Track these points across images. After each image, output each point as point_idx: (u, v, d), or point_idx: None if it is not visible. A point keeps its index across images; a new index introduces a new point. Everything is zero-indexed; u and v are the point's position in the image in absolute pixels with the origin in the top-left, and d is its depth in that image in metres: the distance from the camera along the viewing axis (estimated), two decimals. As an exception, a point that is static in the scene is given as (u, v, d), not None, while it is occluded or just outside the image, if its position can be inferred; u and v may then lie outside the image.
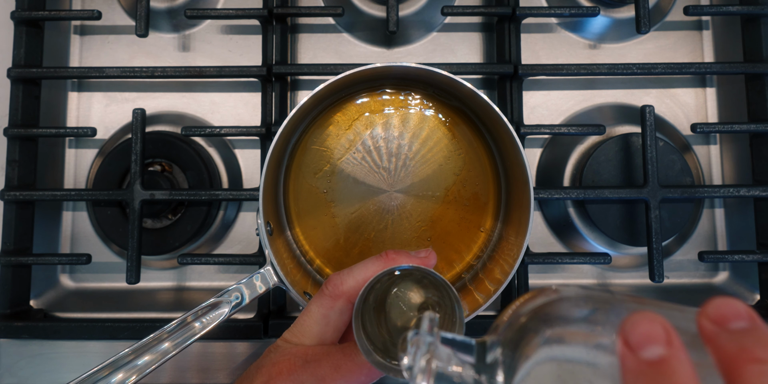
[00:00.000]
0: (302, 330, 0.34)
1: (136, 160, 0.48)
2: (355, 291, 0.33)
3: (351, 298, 0.33)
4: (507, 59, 0.51)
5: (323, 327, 0.33)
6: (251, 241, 0.54)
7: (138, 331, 0.47)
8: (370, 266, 0.33)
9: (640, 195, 0.47)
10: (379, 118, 0.46)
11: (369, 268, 0.33)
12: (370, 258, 0.34)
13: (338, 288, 0.33)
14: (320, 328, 0.33)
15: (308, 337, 0.33)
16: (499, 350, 0.22)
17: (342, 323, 0.34)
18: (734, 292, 0.52)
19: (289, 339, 0.34)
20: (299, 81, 0.55)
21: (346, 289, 0.33)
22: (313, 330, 0.33)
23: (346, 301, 0.33)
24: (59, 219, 0.54)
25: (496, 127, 0.43)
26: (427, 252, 0.35)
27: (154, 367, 0.35)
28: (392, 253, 0.34)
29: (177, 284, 0.53)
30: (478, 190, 0.45)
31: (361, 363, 0.32)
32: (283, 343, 0.34)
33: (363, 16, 0.54)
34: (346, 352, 0.32)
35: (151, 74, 0.50)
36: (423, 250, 0.36)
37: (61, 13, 0.52)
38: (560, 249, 0.53)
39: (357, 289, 0.33)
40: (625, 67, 0.50)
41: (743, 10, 0.50)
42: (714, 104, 0.55)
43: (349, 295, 0.33)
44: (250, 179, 0.54)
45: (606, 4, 0.54)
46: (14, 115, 0.50)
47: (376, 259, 0.34)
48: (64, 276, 0.54)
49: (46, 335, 0.47)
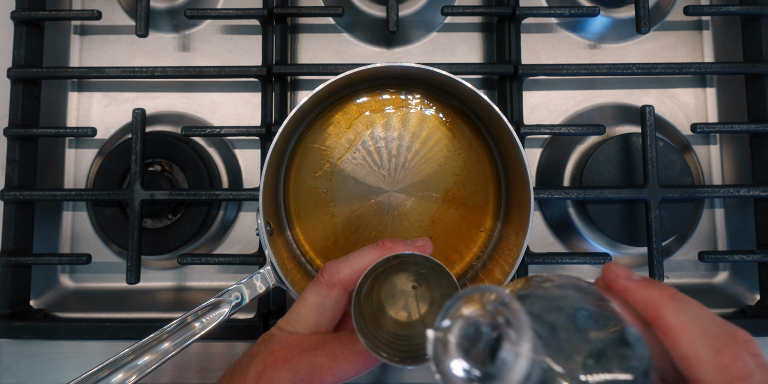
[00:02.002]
0: (297, 318, 0.33)
1: (136, 160, 0.48)
2: (352, 279, 0.32)
3: (347, 286, 0.33)
4: (507, 59, 0.51)
5: (319, 315, 0.33)
6: (251, 241, 0.54)
7: (138, 331, 0.47)
8: (367, 255, 0.33)
9: (640, 195, 0.47)
10: (379, 118, 0.46)
11: (366, 256, 0.33)
12: (367, 247, 0.34)
13: (335, 276, 0.33)
14: (316, 317, 0.33)
15: (304, 326, 0.33)
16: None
17: (338, 312, 0.34)
18: (734, 292, 0.52)
19: (284, 327, 0.33)
20: (299, 81, 0.55)
21: (343, 277, 0.32)
22: (308, 318, 0.33)
23: (343, 289, 0.33)
24: (59, 219, 0.54)
25: (496, 127, 0.43)
26: (423, 241, 0.35)
27: (154, 367, 0.35)
28: (389, 241, 0.34)
29: (177, 284, 0.53)
30: (478, 190, 0.45)
31: (358, 351, 0.31)
32: (278, 332, 0.33)
33: (363, 16, 0.54)
34: (343, 341, 0.32)
35: (151, 74, 0.50)
36: (419, 239, 0.35)
37: (61, 13, 0.52)
38: (560, 249, 0.53)
39: (353, 278, 0.32)
40: (625, 67, 0.50)
41: (743, 10, 0.50)
42: (714, 104, 0.55)
43: (345, 284, 0.33)
44: (250, 179, 0.54)
45: (606, 4, 0.54)
46: (14, 115, 0.50)
47: (373, 247, 0.33)
48: (64, 276, 0.54)
49: (46, 335, 0.47)
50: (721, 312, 0.50)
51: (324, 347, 0.31)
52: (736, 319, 0.47)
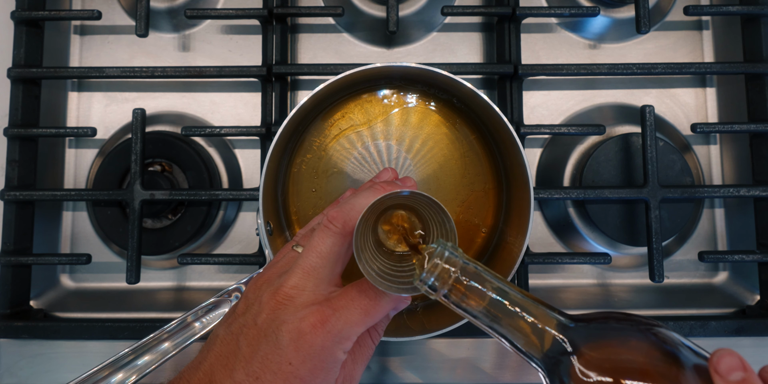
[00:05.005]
0: (316, 274, 0.30)
1: (136, 160, 0.48)
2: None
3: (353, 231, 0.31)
4: (507, 59, 0.51)
5: (336, 267, 0.31)
6: (251, 241, 0.54)
7: (138, 331, 0.47)
8: (369, 197, 0.31)
9: (640, 195, 0.47)
10: (379, 118, 0.46)
11: (369, 199, 0.31)
12: (364, 190, 0.33)
13: (348, 224, 0.30)
14: (334, 269, 0.31)
15: (325, 281, 0.30)
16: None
17: (347, 260, 0.32)
18: (734, 292, 0.52)
19: (303, 286, 0.30)
20: (299, 81, 0.55)
21: (354, 223, 0.30)
22: (328, 272, 0.30)
23: (351, 236, 0.31)
24: (59, 219, 0.54)
25: (496, 127, 0.43)
26: (411, 180, 0.38)
27: (154, 367, 0.35)
28: (383, 183, 0.34)
29: (177, 284, 0.53)
30: (478, 191, 0.45)
31: (377, 296, 0.30)
32: (298, 293, 0.30)
33: (363, 16, 0.54)
34: (362, 289, 0.30)
35: (151, 74, 0.50)
36: (407, 179, 0.38)
37: (61, 13, 0.52)
38: (560, 249, 0.53)
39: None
40: (625, 67, 0.50)
41: (743, 10, 0.51)
42: (714, 104, 0.55)
43: (353, 229, 0.31)
44: (250, 179, 0.54)
45: (606, 4, 0.54)
46: (14, 115, 0.50)
47: (372, 191, 0.33)
48: (64, 276, 0.54)
49: (46, 335, 0.47)
50: (721, 312, 0.50)
51: (353, 303, 0.30)
52: (736, 319, 0.47)
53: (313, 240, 0.31)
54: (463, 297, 0.28)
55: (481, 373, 0.47)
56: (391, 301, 0.31)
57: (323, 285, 0.30)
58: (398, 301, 0.31)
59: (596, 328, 0.28)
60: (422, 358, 0.47)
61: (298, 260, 0.31)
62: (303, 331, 0.28)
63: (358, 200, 0.32)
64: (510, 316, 0.28)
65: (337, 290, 0.31)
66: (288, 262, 0.33)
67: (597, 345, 0.27)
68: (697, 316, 0.48)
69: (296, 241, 0.36)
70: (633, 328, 0.27)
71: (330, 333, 0.28)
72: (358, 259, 0.29)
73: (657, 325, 0.27)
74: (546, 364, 0.27)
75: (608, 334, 0.27)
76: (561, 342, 0.27)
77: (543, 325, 0.27)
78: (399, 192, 0.30)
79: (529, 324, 0.28)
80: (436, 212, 0.31)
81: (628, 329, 0.27)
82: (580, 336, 0.27)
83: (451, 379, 0.47)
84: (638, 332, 0.27)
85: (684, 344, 0.27)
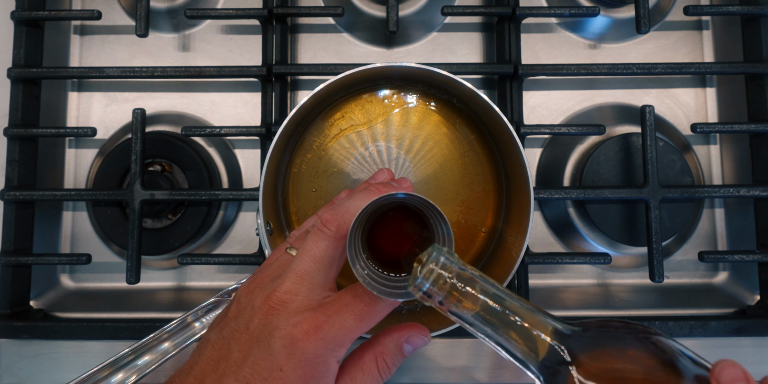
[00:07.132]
0: (310, 278, 0.30)
1: (136, 160, 0.48)
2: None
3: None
4: (507, 59, 0.51)
5: (329, 272, 0.30)
6: (251, 241, 0.54)
7: (138, 331, 0.47)
8: (365, 199, 0.30)
9: (640, 195, 0.47)
10: (380, 118, 0.46)
11: (364, 201, 0.30)
12: (359, 192, 0.32)
13: (343, 228, 0.30)
14: (328, 273, 0.30)
15: (319, 286, 0.30)
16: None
17: (341, 264, 0.31)
18: (734, 292, 0.52)
19: (296, 291, 0.29)
20: (299, 81, 0.55)
21: (348, 226, 0.30)
22: (322, 276, 0.30)
23: (345, 239, 0.30)
24: (59, 219, 0.54)
25: (496, 127, 0.43)
26: (407, 182, 0.36)
27: (154, 367, 0.35)
28: (378, 185, 0.33)
29: (177, 284, 0.53)
30: (478, 191, 0.45)
31: (372, 302, 0.29)
32: (291, 298, 0.29)
33: (363, 16, 0.54)
34: (357, 294, 0.29)
35: (151, 74, 0.50)
36: (403, 180, 0.36)
37: (61, 13, 0.52)
38: (560, 249, 0.53)
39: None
40: (625, 67, 0.50)
41: (743, 10, 0.50)
42: (714, 104, 0.55)
43: (348, 233, 0.30)
44: (250, 179, 0.54)
45: (606, 4, 0.54)
46: (14, 115, 0.50)
47: (367, 192, 0.32)
48: (64, 276, 0.54)
49: (46, 335, 0.47)
50: (721, 312, 0.50)
51: (347, 308, 0.29)
52: (736, 319, 0.47)
53: (306, 243, 0.30)
54: (458, 303, 0.28)
55: (480, 373, 0.47)
56: (387, 307, 0.30)
57: (317, 290, 0.30)
58: (394, 307, 0.31)
59: (594, 336, 0.27)
60: (422, 358, 0.47)
61: (292, 264, 0.30)
62: (296, 337, 0.28)
63: (353, 203, 0.31)
64: (506, 324, 0.27)
65: (331, 295, 0.30)
66: (281, 266, 0.32)
67: (595, 354, 0.26)
68: (697, 316, 0.48)
69: (290, 243, 0.35)
70: (632, 337, 0.27)
71: (323, 340, 0.28)
72: (352, 264, 0.29)
73: (656, 334, 0.27)
74: (543, 373, 0.27)
75: (607, 343, 0.27)
76: (559, 351, 0.27)
77: (540, 333, 0.27)
78: (394, 194, 0.29)
79: (526, 332, 0.27)
80: (433, 215, 0.30)
81: (627, 338, 0.27)
82: (578, 345, 0.27)
83: (450, 379, 0.47)
84: (637, 341, 0.27)
85: (684, 354, 0.26)
